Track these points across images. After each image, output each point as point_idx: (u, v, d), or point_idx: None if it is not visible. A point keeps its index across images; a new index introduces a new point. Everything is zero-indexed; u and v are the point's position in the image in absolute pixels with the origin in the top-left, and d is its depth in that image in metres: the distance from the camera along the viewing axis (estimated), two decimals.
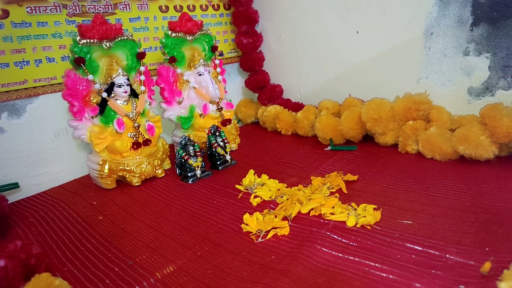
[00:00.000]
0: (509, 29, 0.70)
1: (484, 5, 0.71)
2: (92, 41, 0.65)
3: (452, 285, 0.37)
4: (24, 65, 0.71)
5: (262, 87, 1.09)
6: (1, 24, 0.67)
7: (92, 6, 0.79)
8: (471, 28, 0.74)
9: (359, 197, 0.59)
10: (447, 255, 0.42)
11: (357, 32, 0.91)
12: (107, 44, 0.67)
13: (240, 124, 1.12)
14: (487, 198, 0.54)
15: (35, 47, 0.71)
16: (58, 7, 0.74)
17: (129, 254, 0.49)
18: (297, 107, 1.02)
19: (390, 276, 0.40)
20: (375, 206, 0.54)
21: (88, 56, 0.65)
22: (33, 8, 0.70)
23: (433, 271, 0.39)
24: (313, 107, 0.95)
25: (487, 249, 0.42)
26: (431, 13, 0.78)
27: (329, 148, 0.84)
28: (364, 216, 0.51)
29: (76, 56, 0.64)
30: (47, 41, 0.73)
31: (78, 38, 0.64)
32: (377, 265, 0.42)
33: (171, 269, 0.46)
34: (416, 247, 0.44)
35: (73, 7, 0.76)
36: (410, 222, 0.50)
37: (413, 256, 0.43)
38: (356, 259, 0.43)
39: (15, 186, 0.70)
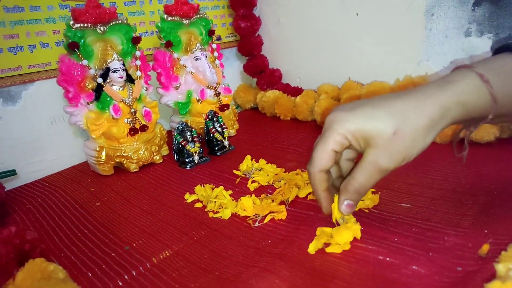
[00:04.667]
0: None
1: None
2: (86, 25, 0.64)
3: (449, 267, 0.37)
4: (18, 50, 0.70)
5: (260, 72, 1.07)
6: None
7: None
8: (472, 8, 0.72)
9: None
10: (445, 238, 0.41)
11: (357, 14, 0.89)
12: (101, 28, 0.66)
13: (239, 109, 1.12)
14: (487, 181, 0.53)
15: (28, 32, 0.70)
16: None
17: (126, 240, 0.49)
18: (296, 91, 1.01)
19: (387, 259, 0.39)
20: (374, 190, 0.54)
21: (82, 40, 0.64)
22: None
23: (430, 254, 0.39)
24: (312, 92, 0.94)
25: (486, 231, 0.42)
26: None
27: None
28: (363, 200, 0.51)
29: (70, 40, 0.63)
30: (40, 26, 0.72)
31: (71, 22, 0.63)
32: (374, 248, 0.41)
33: (168, 254, 0.45)
34: (414, 229, 0.44)
35: None
36: (409, 205, 0.50)
37: (411, 239, 0.42)
38: (353, 242, 0.43)
39: (12, 173, 0.70)
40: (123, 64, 0.69)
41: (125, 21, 0.69)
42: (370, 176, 0.38)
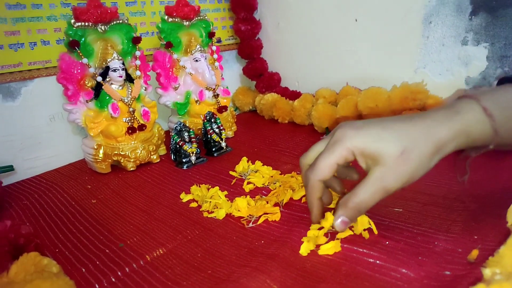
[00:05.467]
0: (508, 18, 0.69)
1: None
2: (87, 24, 0.65)
3: (438, 271, 0.37)
4: (19, 47, 0.70)
5: (260, 75, 1.08)
6: None
7: None
8: (470, 17, 0.73)
9: (352, 184, 0.59)
10: (435, 242, 0.42)
11: (356, 20, 0.90)
12: (102, 27, 0.67)
13: (237, 111, 1.12)
14: (477, 188, 0.54)
15: (29, 30, 0.71)
16: None
17: (120, 237, 0.50)
18: (294, 95, 1.02)
19: (377, 262, 0.40)
20: None
21: (83, 39, 0.65)
22: None
23: (420, 258, 0.40)
24: (310, 96, 0.95)
25: (475, 237, 0.42)
26: (430, 1, 0.77)
27: (325, 136, 0.84)
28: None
29: (71, 39, 0.64)
30: (42, 23, 0.73)
31: (72, 21, 0.63)
32: (365, 250, 0.42)
33: (161, 251, 0.46)
34: (405, 233, 0.44)
35: None
36: (401, 210, 0.50)
37: (402, 243, 0.43)
38: (345, 245, 0.43)
39: (10, 168, 0.70)
40: (123, 64, 0.69)
41: (126, 21, 0.70)
42: (373, 194, 0.39)
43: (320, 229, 0.45)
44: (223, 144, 0.78)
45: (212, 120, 0.78)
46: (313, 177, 0.41)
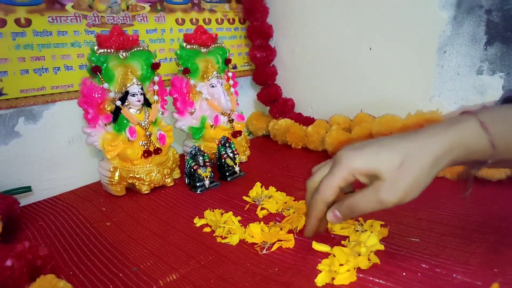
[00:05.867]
0: None
1: (498, 24, 0.71)
2: (109, 50, 0.67)
3: None
4: (43, 72, 0.73)
5: (274, 101, 1.10)
6: (23, 32, 0.70)
7: (111, 18, 0.81)
8: (485, 47, 0.74)
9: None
10: (454, 275, 0.41)
11: (370, 49, 0.91)
12: (124, 54, 0.69)
13: (251, 136, 1.13)
14: (497, 219, 0.53)
15: (54, 55, 0.74)
16: (78, 18, 0.76)
17: (134, 261, 0.50)
18: (308, 121, 1.02)
19: None
20: (383, 223, 0.54)
21: (105, 65, 0.67)
22: (54, 17, 0.73)
23: None
24: (324, 122, 0.95)
25: (495, 270, 0.41)
26: (444, 31, 0.78)
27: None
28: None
29: (93, 64, 0.66)
30: (66, 49, 0.76)
31: (96, 47, 0.66)
32: (381, 281, 0.41)
33: (174, 277, 0.46)
34: (422, 265, 0.44)
35: (93, 18, 0.78)
36: (418, 240, 0.49)
37: (419, 274, 0.42)
38: (361, 275, 0.43)
39: (27, 189, 0.72)
40: (142, 88, 0.71)
41: (146, 47, 0.72)
42: (368, 202, 0.40)
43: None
44: (237, 168, 0.78)
45: (227, 145, 0.79)
46: (317, 197, 0.43)
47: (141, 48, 0.71)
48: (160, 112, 0.77)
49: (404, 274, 0.42)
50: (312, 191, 0.45)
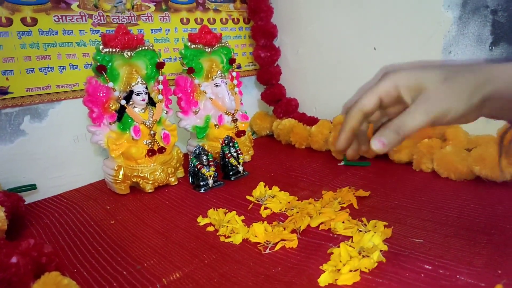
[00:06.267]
0: None
1: (504, 24, 0.71)
2: (114, 50, 0.67)
3: None
4: (49, 71, 0.74)
5: (278, 101, 1.10)
6: (29, 31, 0.70)
7: (116, 17, 0.82)
8: (490, 47, 0.73)
9: (370, 213, 0.58)
10: (458, 276, 0.41)
11: (375, 49, 0.91)
12: (129, 53, 0.69)
13: (255, 136, 1.13)
14: (502, 220, 0.53)
15: (60, 54, 0.74)
16: (84, 17, 0.77)
17: (138, 259, 0.50)
18: (312, 121, 1.02)
19: None
20: (386, 223, 0.53)
21: (110, 64, 0.67)
22: (60, 17, 0.73)
23: None
24: (328, 122, 0.95)
25: (499, 271, 0.41)
26: (449, 32, 0.78)
27: (342, 163, 0.84)
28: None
29: (98, 64, 0.66)
30: (71, 48, 0.76)
31: (101, 46, 0.66)
32: (384, 281, 0.41)
33: (178, 275, 0.46)
34: (426, 266, 0.43)
35: (98, 17, 0.79)
36: (422, 241, 0.49)
37: (422, 275, 0.42)
38: (364, 276, 0.43)
39: (33, 187, 0.72)
40: (146, 88, 0.71)
41: (151, 47, 0.72)
42: (415, 116, 0.37)
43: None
44: (241, 168, 0.78)
45: (230, 144, 0.79)
46: (356, 107, 0.42)
47: (146, 48, 0.72)
48: (165, 111, 0.77)
49: (407, 275, 0.42)
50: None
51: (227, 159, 0.77)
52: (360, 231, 0.52)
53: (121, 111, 0.70)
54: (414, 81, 0.39)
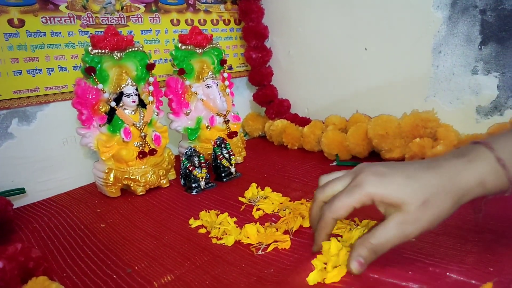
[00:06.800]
0: None
1: (493, 24, 0.71)
2: (103, 51, 0.67)
3: None
4: (37, 73, 0.73)
5: (269, 102, 1.09)
6: (16, 32, 0.69)
7: (106, 18, 0.81)
8: (479, 47, 0.74)
9: (363, 212, 0.58)
10: (448, 273, 0.41)
11: (365, 49, 0.92)
12: (118, 54, 0.69)
13: (247, 137, 1.13)
14: (494, 219, 0.53)
15: (48, 56, 0.73)
16: (72, 18, 0.76)
17: (128, 262, 0.49)
18: (304, 122, 1.02)
19: None
20: (377, 222, 0.53)
21: (99, 66, 0.67)
22: (48, 18, 0.72)
23: None
24: (320, 122, 0.95)
25: (490, 269, 0.41)
26: (439, 32, 0.78)
27: (334, 163, 0.84)
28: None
29: (87, 65, 0.66)
30: (60, 50, 0.75)
31: (90, 48, 0.66)
32: (375, 276, 0.41)
33: (169, 278, 0.45)
34: (417, 264, 0.43)
35: (87, 19, 0.78)
36: (414, 239, 0.49)
37: (413, 273, 0.42)
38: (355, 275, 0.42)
39: (21, 191, 0.71)
40: (136, 89, 0.71)
41: (141, 48, 0.72)
42: (393, 238, 0.39)
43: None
44: (233, 169, 0.78)
45: (222, 146, 0.78)
46: (329, 215, 0.42)
47: (136, 49, 0.71)
48: (155, 113, 0.76)
49: (397, 271, 0.42)
50: (320, 204, 0.45)
51: (219, 161, 0.77)
52: (352, 230, 0.52)
53: (111, 113, 0.70)
54: (392, 199, 0.39)
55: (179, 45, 0.80)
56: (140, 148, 0.72)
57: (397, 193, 0.39)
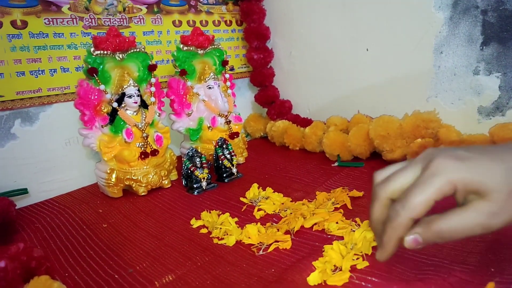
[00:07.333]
0: None
1: (494, 24, 0.71)
2: (105, 52, 0.67)
3: None
4: (39, 74, 0.73)
5: (271, 102, 1.10)
6: (19, 34, 0.69)
7: (108, 19, 0.81)
8: (481, 47, 0.74)
9: (364, 213, 0.58)
10: (451, 273, 0.41)
11: (367, 50, 0.92)
12: (120, 55, 0.69)
13: (249, 138, 1.13)
14: None
15: (50, 57, 0.74)
16: (74, 19, 0.76)
17: (130, 262, 0.50)
18: (305, 122, 1.02)
19: None
20: None
21: (101, 67, 0.67)
22: (50, 19, 0.73)
23: None
24: (322, 123, 0.95)
25: (492, 269, 0.41)
26: (441, 32, 0.78)
27: (336, 164, 0.84)
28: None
29: (90, 66, 0.66)
30: (62, 51, 0.75)
31: (92, 49, 0.66)
32: (376, 280, 0.41)
33: (170, 278, 0.46)
34: (419, 264, 0.43)
35: (89, 20, 0.78)
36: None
37: (415, 273, 0.42)
38: (358, 274, 0.42)
39: (24, 191, 0.71)
40: (138, 90, 0.71)
41: (142, 49, 0.72)
42: (470, 227, 0.33)
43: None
44: (234, 170, 0.78)
45: (224, 146, 0.79)
46: (405, 214, 0.35)
47: (137, 50, 0.71)
48: (157, 114, 0.77)
49: (400, 272, 0.42)
50: (385, 202, 0.38)
51: (220, 161, 0.77)
52: (354, 231, 0.52)
53: (113, 113, 0.70)
54: (477, 185, 0.33)
55: (181, 46, 0.80)
56: (142, 148, 0.72)
57: (485, 178, 0.33)
